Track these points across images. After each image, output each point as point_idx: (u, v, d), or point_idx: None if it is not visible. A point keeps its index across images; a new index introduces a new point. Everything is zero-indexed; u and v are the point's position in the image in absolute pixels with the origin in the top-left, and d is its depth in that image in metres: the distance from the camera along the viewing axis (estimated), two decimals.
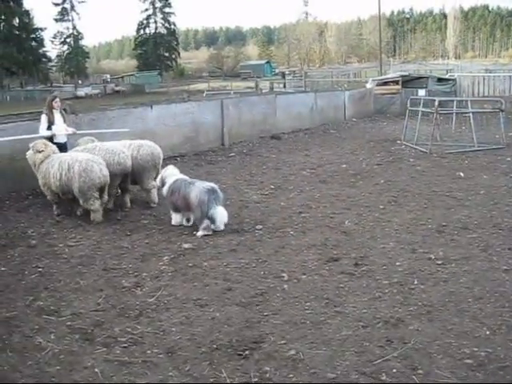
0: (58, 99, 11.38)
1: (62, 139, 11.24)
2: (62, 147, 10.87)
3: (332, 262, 7.34)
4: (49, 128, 11.05)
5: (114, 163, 10.03)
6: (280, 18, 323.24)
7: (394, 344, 5.11)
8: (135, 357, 5.05)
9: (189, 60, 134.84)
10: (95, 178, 9.43)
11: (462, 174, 12.75)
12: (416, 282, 6.57)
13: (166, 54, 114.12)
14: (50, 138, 10.92)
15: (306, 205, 10.41)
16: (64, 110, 13.10)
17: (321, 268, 7.13)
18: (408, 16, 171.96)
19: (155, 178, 10.39)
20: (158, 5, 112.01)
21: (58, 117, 11.25)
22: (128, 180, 10.54)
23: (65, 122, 11.40)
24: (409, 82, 29.82)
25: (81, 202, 9.69)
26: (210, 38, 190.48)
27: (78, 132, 11.71)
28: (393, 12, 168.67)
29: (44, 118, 11.10)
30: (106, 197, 9.85)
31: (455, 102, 20.17)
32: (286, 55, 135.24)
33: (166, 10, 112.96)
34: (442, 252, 7.58)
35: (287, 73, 74.63)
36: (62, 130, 11.20)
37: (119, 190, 10.87)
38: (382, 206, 10.15)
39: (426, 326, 5.46)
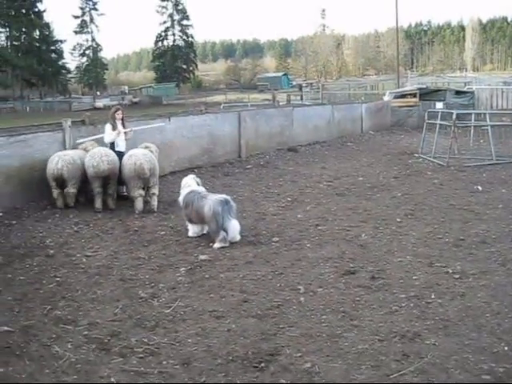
0: (120, 111, 12.22)
1: (122, 148, 11.98)
2: (122, 156, 11.48)
3: (348, 275, 7.32)
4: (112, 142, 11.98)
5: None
6: (297, 31, 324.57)
7: (410, 358, 5.07)
8: (151, 367, 5.06)
9: (206, 72, 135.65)
10: (51, 168, 11.22)
11: (480, 188, 12.68)
12: (433, 296, 6.53)
13: (184, 66, 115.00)
14: (113, 148, 11.80)
15: (322, 217, 10.40)
16: (82, 121, 13.41)
17: (337, 281, 7.11)
18: (426, 28, 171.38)
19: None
20: (177, 17, 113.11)
21: (120, 127, 12.06)
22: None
23: (125, 133, 12.24)
24: (426, 94, 29.76)
25: None
26: (228, 51, 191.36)
27: (135, 129, 12.78)
28: (410, 24, 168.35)
29: (109, 127, 12.00)
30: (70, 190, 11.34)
31: (473, 115, 20.07)
32: (303, 67, 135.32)
33: (184, 22, 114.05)
34: (459, 266, 7.53)
35: (304, 85, 74.68)
36: (123, 138, 12.08)
37: (123, 192, 12.04)
38: (399, 220, 10.11)
39: (442, 340, 5.41)
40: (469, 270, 7.38)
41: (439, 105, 26.68)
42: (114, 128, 11.96)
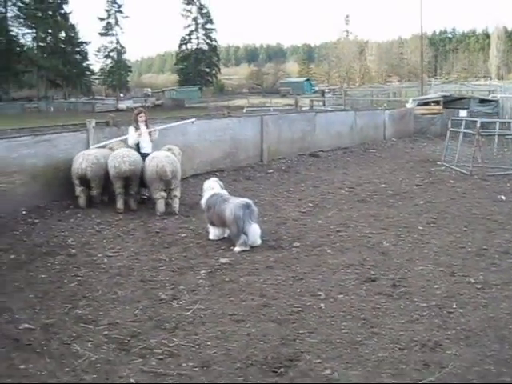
0: (142, 113, 12.30)
1: (147, 150, 11.96)
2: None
3: (369, 282, 7.27)
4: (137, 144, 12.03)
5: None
6: (321, 36, 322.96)
7: (431, 368, 5.03)
8: (170, 369, 5.07)
9: (229, 76, 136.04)
10: (75, 168, 11.33)
11: (503, 197, 12.56)
12: (455, 306, 6.47)
13: (207, 70, 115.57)
14: (138, 150, 11.86)
15: (344, 224, 10.35)
16: (106, 122, 13.52)
17: (358, 288, 7.07)
18: (450, 36, 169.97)
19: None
20: (201, 21, 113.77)
21: (143, 129, 12.09)
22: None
23: (150, 134, 12.23)
24: (450, 102, 29.53)
25: None
26: (251, 55, 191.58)
27: (158, 128, 12.81)
28: (434, 32, 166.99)
29: (132, 130, 12.08)
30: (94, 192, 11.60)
31: (498, 124, 19.89)
32: (326, 73, 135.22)
33: (208, 26, 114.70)
34: (481, 276, 7.45)
35: (327, 91, 74.57)
36: (147, 140, 12.11)
37: (145, 195, 12.15)
38: (421, 228, 10.03)
39: (464, 350, 5.36)
40: (491, 280, 7.30)
41: (463, 113, 26.45)
42: (137, 130, 12.02)
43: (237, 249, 8.59)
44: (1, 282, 7.39)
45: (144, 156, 11.45)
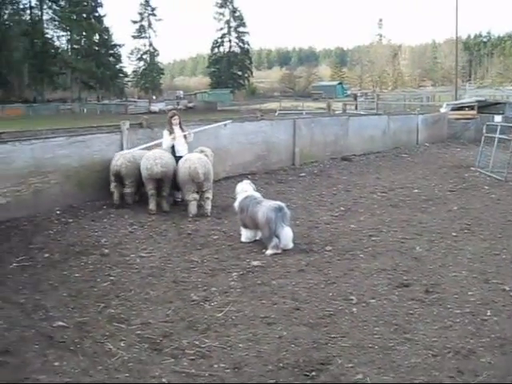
0: (176, 116, 12.32)
1: (183, 153, 11.97)
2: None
3: (402, 287, 7.21)
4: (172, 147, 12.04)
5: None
6: (353, 40, 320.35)
7: (464, 376, 4.96)
8: (202, 370, 5.09)
9: (261, 79, 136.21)
10: (112, 164, 11.60)
11: None
12: (489, 313, 6.37)
13: (239, 73, 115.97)
14: (173, 152, 11.92)
15: (376, 228, 10.28)
16: (140, 124, 13.63)
17: (390, 293, 7.02)
18: (485, 40, 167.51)
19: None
20: (233, 24, 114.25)
21: (178, 133, 12.13)
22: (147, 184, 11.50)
23: (185, 137, 12.29)
24: (485, 107, 29.11)
25: None
26: (283, 58, 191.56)
27: (192, 131, 12.76)
28: (469, 36, 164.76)
29: (166, 133, 12.14)
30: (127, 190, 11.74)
31: None
32: (359, 77, 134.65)
33: (241, 29, 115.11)
34: None
35: (359, 95, 74.12)
36: (182, 143, 12.14)
37: (178, 198, 12.19)
38: (454, 234, 9.91)
39: (498, 359, 5.27)
40: None
41: (498, 118, 26.03)
42: (171, 134, 12.09)
43: (269, 252, 8.59)
44: (35, 280, 7.52)
45: (179, 159, 11.49)
